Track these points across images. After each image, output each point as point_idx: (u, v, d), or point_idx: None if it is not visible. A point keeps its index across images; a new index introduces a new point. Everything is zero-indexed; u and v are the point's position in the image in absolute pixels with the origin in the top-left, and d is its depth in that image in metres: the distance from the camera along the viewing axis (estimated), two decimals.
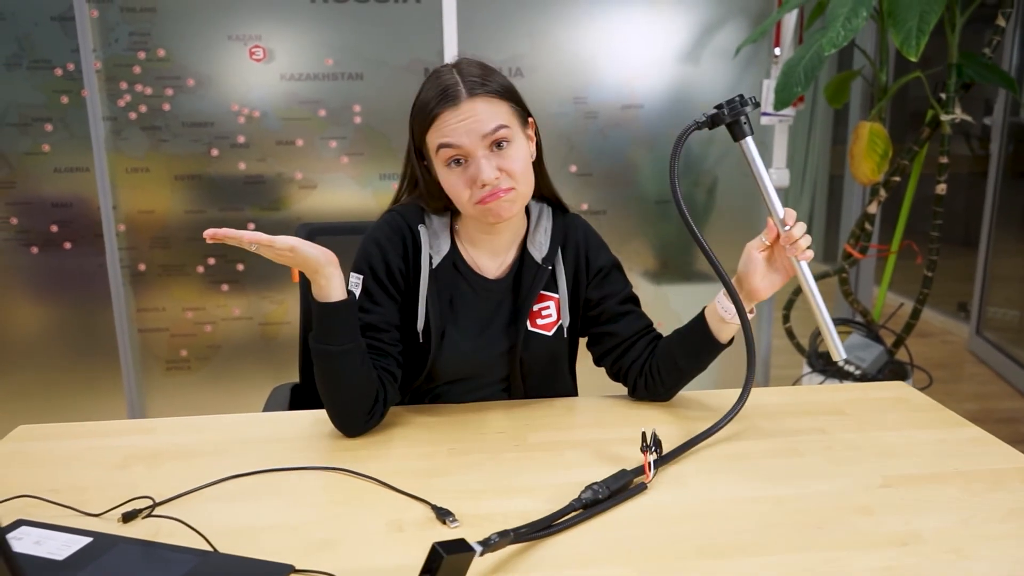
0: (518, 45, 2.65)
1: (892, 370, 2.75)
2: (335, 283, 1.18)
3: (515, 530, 0.90)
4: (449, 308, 1.35)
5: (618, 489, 1.04)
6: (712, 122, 1.21)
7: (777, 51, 2.73)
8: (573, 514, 0.99)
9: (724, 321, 1.28)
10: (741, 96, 1.20)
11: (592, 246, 1.40)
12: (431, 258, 1.32)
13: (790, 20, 2.70)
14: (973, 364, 3.94)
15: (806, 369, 2.86)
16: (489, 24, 2.63)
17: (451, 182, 1.23)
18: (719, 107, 1.20)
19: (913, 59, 2.18)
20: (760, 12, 2.73)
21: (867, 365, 2.71)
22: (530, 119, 1.30)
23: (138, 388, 2.75)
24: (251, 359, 2.78)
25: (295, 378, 1.71)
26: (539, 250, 1.36)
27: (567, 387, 1.48)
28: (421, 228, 1.33)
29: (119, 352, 2.70)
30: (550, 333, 1.37)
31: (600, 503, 1.01)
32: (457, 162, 1.22)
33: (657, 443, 1.10)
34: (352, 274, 1.31)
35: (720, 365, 1.37)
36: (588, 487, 1.02)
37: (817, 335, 2.88)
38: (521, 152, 1.24)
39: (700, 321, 1.31)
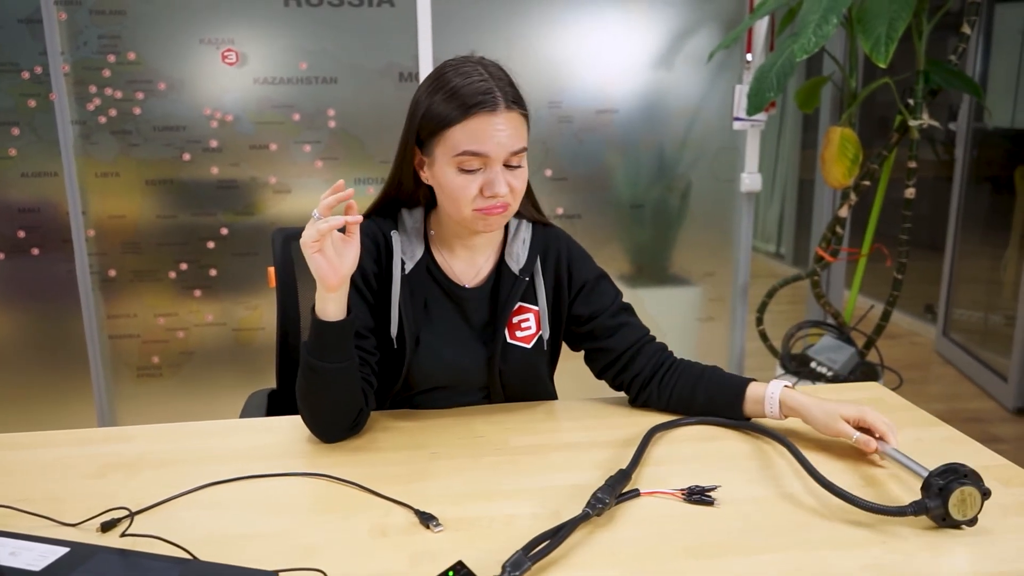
0: (493, 49, 2.65)
1: (863, 371, 2.79)
2: (337, 303, 1.17)
3: (530, 556, 0.89)
4: (423, 312, 1.34)
5: (621, 492, 1.05)
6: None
7: (749, 57, 2.76)
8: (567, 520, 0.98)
9: (761, 409, 1.28)
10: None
11: (575, 259, 1.39)
12: (403, 263, 1.31)
13: (762, 26, 2.73)
14: (940, 365, 4.01)
15: (779, 371, 2.89)
16: (464, 28, 2.64)
17: (458, 184, 1.20)
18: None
19: (882, 65, 2.22)
20: (732, 18, 2.76)
21: (839, 367, 2.74)
22: None
23: (108, 395, 2.71)
24: (224, 365, 2.75)
25: (269, 384, 1.69)
26: (516, 261, 1.35)
27: (548, 396, 1.47)
28: (394, 234, 1.32)
29: (89, 359, 2.66)
30: (529, 345, 1.37)
31: (604, 510, 1.01)
32: (469, 166, 1.20)
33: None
34: None
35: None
36: (594, 495, 1.01)
37: (790, 336, 2.92)
38: (525, 174, 1.24)
39: (739, 391, 1.30)
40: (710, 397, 1.31)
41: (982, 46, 3.83)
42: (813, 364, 2.78)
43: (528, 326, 1.36)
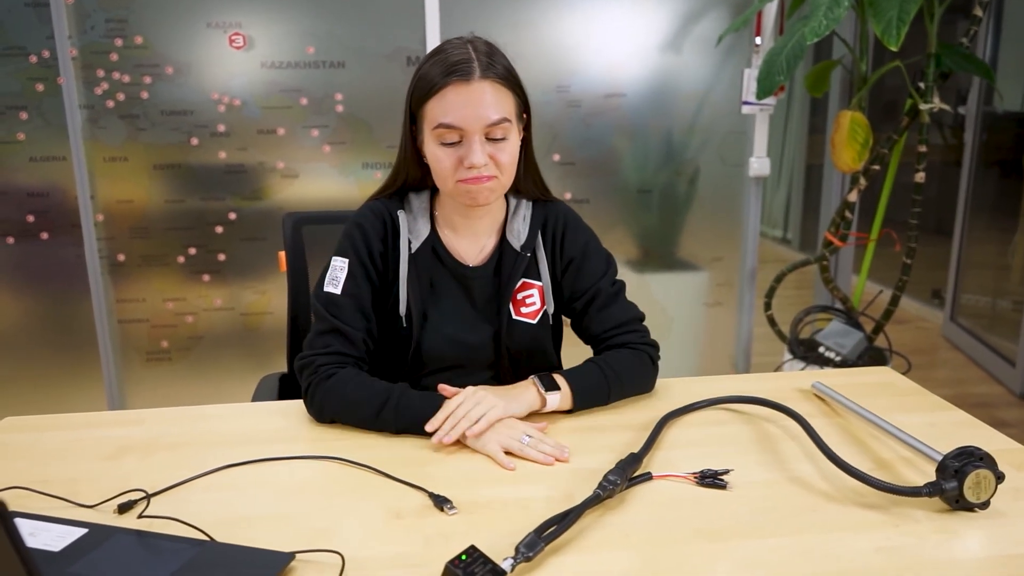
0: (501, 33, 2.64)
1: (871, 356, 2.79)
2: None
3: (542, 538, 0.89)
4: (430, 291, 1.35)
5: (633, 475, 1.05)
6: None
7: (758, 40, 2.74)
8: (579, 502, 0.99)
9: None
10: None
11: (569, 231, 1.39)
12: (410, 243, 1.33)
13: (771, 9, 2.71)
14: (947, 350, 4.01)
15: (787, 356, 2.89)
16: (472, 12, 2.62)
17: (438, 156, 1.23)
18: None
19: (894, 48, 2.20)
20: (741, 1, 2.74)
21: (847, 351, 2.74)
22: (525, 114, 1.30)
23: (118, 380, 2.72)
24: (233, 350, 2.76)
25: (277, 368, 1.70)
26: (517, 238, 1.36)
27: (554, 371, 1.48)
28: (400, 214, 1.34)
29: (98, 343, 2.67)
30: (534, 321, 1.38)
31: (615, 493, 1.01)
32: (449, 139, 1.22)
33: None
34: (336, 258, 1.32)
35: (701, 354, 1.38)
36: (605, 476, 1.01)
37: (798, 321, 2.91)
38: (512, 147, 1.25)
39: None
40: None
41: (992, 29, 3.80)
42: (821, 349, 2.78)
43: (532, 302, 1.38)
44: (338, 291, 1.29)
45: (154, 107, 2.55)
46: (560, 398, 1.25)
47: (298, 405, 1.33)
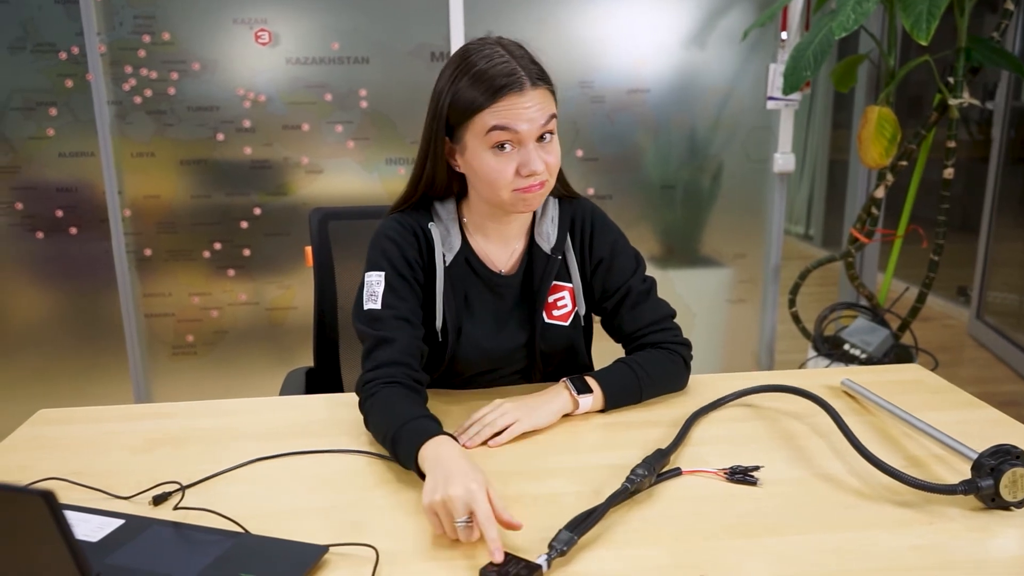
0: (524, 29, 2.63)
1: (897, 354, 2.76)
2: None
3: (574, 531, 0.90)
4: (464, 305, 1.34)
5: (661, 470, 1.05)
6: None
7: (784, 35, 2.72)
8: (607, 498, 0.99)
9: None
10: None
11: (597, 230, 1.38)
12: (444, 256, 1.30)
13: (797, 4, 2.69)
14: (973, 348, 3.97)
15: (811, 353, 2.87)
16: (495, 7, 2.62)
17: (493, 166, 1.19)
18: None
19: (924, 43, 2.18)
20: None
21: (873, 349, 2.72)
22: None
23: (144, 373, 2.75)
24: (258, 344, 2.78)
25: (301, 363, 1.70)
26: (547, 241, 1.34)
27: (585, 371, 1.47)
28: (432, 226, 1.30)
29: (125, 337, 2.70)
30: (567, 323, 1.37)
31: (643, 487, 1.01)
32: (502, 147, 1.18)
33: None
34: (370, 273, 1.27)
35: (724, 351, 1.37)
36: (633, 470, 1.02)
37: (823, 319, 2.89)
38: (558, 146, 1.23)
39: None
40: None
41: (1022, 22, 3.75)
42: (846, 346, 2.76)
43: (564, 304, 1.37)
44: (378, 305, 1.24)
45: (181, 103, 2.57)
46: (592, 400, 1.26)
47: (328, 399, 1.34)
